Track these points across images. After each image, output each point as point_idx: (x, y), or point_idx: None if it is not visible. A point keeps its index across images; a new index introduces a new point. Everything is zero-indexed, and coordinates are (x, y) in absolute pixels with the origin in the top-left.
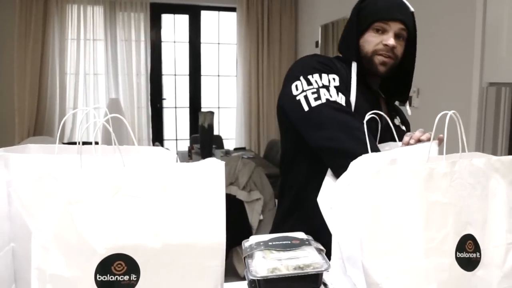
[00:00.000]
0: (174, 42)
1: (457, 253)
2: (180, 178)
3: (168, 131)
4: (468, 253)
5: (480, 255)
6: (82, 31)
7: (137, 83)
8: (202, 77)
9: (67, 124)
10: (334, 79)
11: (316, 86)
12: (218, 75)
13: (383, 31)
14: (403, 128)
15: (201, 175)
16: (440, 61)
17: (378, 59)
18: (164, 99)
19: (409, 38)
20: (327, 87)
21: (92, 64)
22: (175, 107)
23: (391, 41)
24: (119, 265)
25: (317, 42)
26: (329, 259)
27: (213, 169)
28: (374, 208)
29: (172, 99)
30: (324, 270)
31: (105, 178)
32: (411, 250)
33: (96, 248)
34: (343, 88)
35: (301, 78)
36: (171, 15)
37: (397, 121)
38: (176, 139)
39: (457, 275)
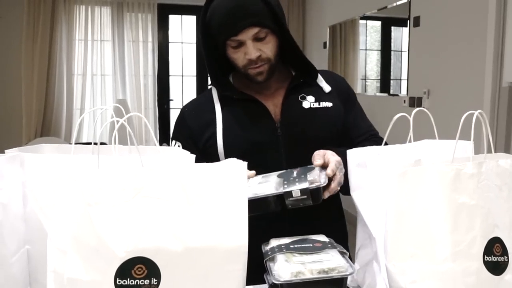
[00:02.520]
0: (182, 43)
1: (485, 257)
2: (201, 179)
3: None
4: (496, 256)
5: (508, 258)
6: (90, 32)
7: (144, 84)
8: (209, 78)
9: (73, 125)
10: (178, 146)
11: None
12: None
13: (240, 44)
14: (324, 104)
15: (223, 176)
16: (451, 61)
17: (251, 72)
18: (171, 100)
19: (275, 22)
20: None
21: (100, 65)
22: None
23: (252, 55)
24: (139, 269)
25: (325, 43)
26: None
27: (235, 169)
28: (399, 210)
29: (179, 100)
30: (349, 274)
31: (125, 178)
32: (437, 254)
33: (116, 251)
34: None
35: None
36: (179, 16)
37: (308, 103)
38: None
39: (484, 280)
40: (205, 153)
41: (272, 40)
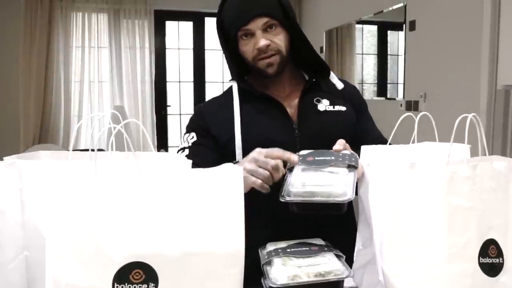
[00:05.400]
0: (179, 49)
1: (480, 258)
2: (198, 184)
3: (172, 138)
4: (491, 258)
5: (503, 260)
6: (87, 38)
7: (141, 90)
8: (206, 84)
9: (71, 132)
10: (193, 137)
11: (181, 147)
12: (223, 82)
13: (251, 35)
14: (338, 108)
15: (220, 181)
16: (447, 65)
17: (261, 64)
18: (169, 106)
19: (284, 16)
20: (183, 149)
21: (97, 72)
22: (180, 114)
23: (260, 43)
24: (137, 274)
25: (321, 48)
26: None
27: (232, 174)
28: (395, 213)
29: (177, 106)
30: (346, 277)
31: (122, 184)
32: (433, 256)
33: (114, 257)
34: (202, 139)
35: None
36: (175, 22)
37: (323, 105)
38: None
39: (480, 281)
40: (221, 149)
41: (282, 32)
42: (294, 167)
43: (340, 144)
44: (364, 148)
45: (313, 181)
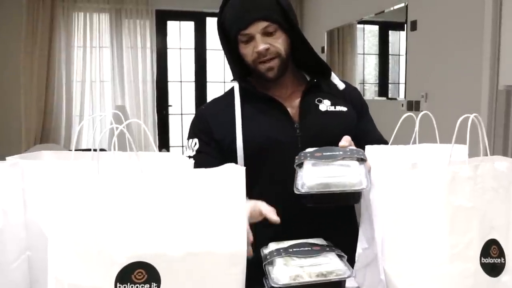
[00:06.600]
0: (180, 48)
1: (482, 259)
2: (200, 184)
3: (174, 138)
4: (492, 258)
5: (504, 260)
6: (88, 38)
7: (143, 90)
8: (208, 84)
9: (73, 132)
10: (195, 143)
11: (186, 155)
12: (224, 82)
13: (250, 38)
14: (339, 108)
15: (222, 181)
16: (448, 65)
17: (261, 67)
18: (170, 106)
19: (284, 19)
20: (189, 157)
21: (98, 72)
22: (181, 114)
23: (260, 47)
24: (139, 274)
25: (323, 48)
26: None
27: (234, 175)
28: (397, 213)
29: (178, 106)
30: (347, 277)
31: (124, 184)
32: (435, 256)
33: (116, 257)
34: (205, 146)
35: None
36: (177, 22)
37: (324, 106)
38: (182, 146)
39: (482, 281)
40: (223, 150)
41: (282, 36)
42: (304, 163)
43: (346, 140)
44: (368, 148)
45: (326, 173)
